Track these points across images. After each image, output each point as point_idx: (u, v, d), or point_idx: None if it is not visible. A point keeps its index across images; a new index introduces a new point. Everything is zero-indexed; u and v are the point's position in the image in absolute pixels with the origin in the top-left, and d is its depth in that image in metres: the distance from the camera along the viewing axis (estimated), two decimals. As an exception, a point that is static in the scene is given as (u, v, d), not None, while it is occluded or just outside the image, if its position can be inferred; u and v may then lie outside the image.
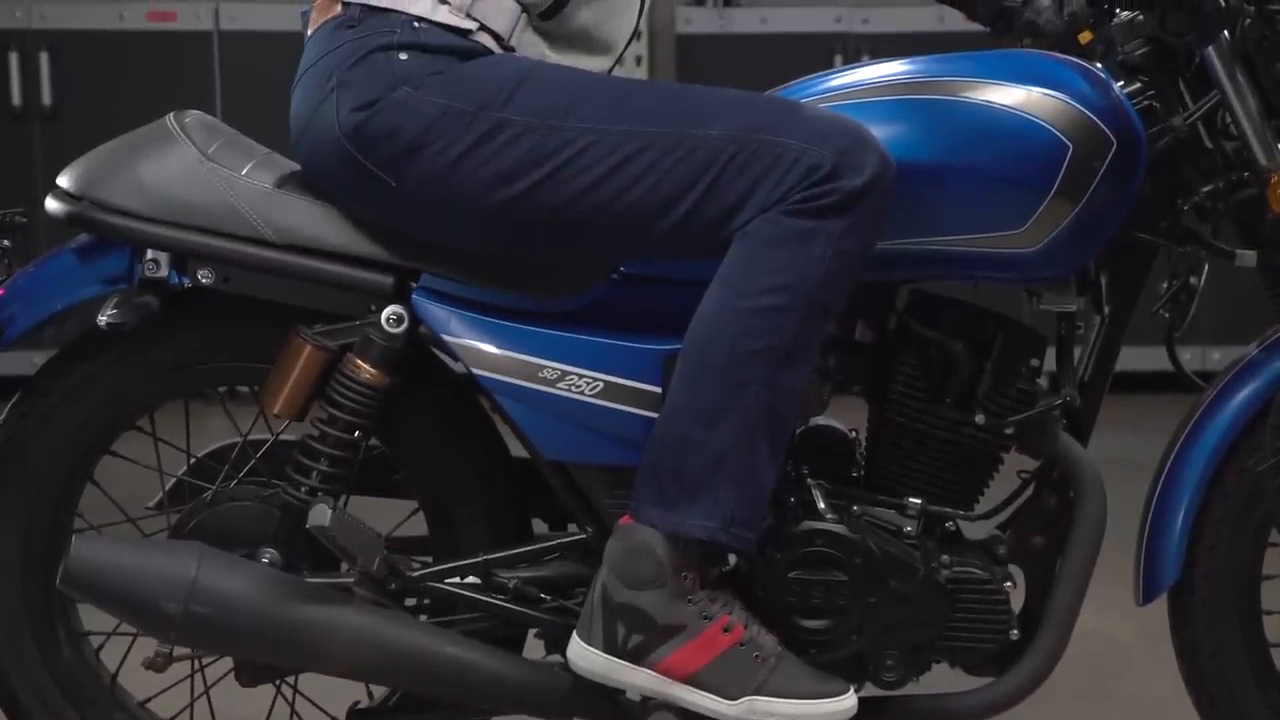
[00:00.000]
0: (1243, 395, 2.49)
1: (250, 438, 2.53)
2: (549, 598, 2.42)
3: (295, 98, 2.40)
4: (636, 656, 2.30)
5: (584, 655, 2.32)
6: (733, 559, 2.40)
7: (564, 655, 2.36)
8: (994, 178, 2.33)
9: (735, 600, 2.35)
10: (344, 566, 2.40)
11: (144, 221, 2.37)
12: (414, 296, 2.38)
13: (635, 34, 2.50)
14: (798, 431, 2.41)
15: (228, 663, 2.48)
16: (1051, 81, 2.34)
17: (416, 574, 2.41)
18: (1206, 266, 2.48)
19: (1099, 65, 2.40)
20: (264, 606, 2.34)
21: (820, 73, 2.47)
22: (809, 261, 2.25)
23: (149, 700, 2.61)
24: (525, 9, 2.39)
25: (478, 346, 2.37)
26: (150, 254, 2.38)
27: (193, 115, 2.49)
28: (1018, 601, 2.47)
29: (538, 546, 2.46)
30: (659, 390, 2.34)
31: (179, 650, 2.39)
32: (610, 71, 2.47)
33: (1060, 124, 2.31)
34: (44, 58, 5.68)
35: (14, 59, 5.69)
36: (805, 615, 2.38)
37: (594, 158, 2.28)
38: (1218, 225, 2.47)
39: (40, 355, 2.75)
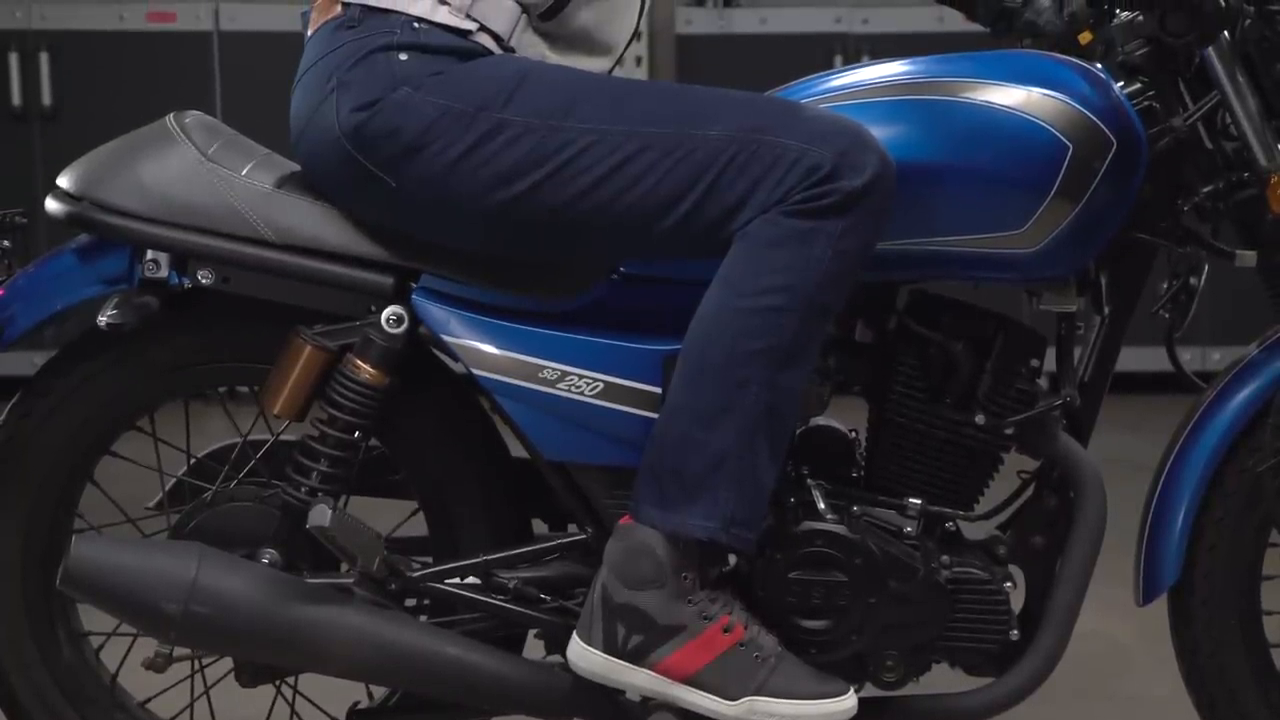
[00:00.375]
0: (1243, 395, 2.49)
1: (250, 438, 2.53)
2: (549, 598, 2.42)
3: (295, 98, 2.40)
4: (636, 657, 2.30)
5: (584, 655, 2.32)
6: (733, 559, 2.40)
7: (564, 655, 2.36)
8: (994, 178, 2.32)
9: (735, 600, 2.35)
10: (344, 567, 2.40)
11: (144, 222, 2.37)
12: (414, 297, 2.38)
13: (635, 35, 2.50)
14: (798, 431, 2.41)
15: (228, 663, 2.48)
16: (1051, 82, 2.34)
17: (416, 574, 2.41)
18: (1206, 266, 2.48)
19: (1099, 65, 2.40)
20: (264, 607, 2.34)
21: (820, 73, 2.47)
22: (809, 262, 2.24)
23: (149, 700, 2.61)
24: (525, 9, 2.39)
25: (478, 347, 2.37)
26: (150, 254, 2.39)
27: (193, 116, 2.49)
28: (1018, 601, 2.47)
29: (538, 547, 2.46)
30: (659, 390, 2.34)
31: (179, 650, 2.39)
32: (610, 72, 2.47)
33: (1060, 124, 2.31)
34: (44, 58, 5.67)
35: (14, 59, 5.68)
36: (805, 615, 2.38)
37: (594, 158, 2.28)
38: (1218, 225, 2.47)
39: (40, 355, 2.75)
